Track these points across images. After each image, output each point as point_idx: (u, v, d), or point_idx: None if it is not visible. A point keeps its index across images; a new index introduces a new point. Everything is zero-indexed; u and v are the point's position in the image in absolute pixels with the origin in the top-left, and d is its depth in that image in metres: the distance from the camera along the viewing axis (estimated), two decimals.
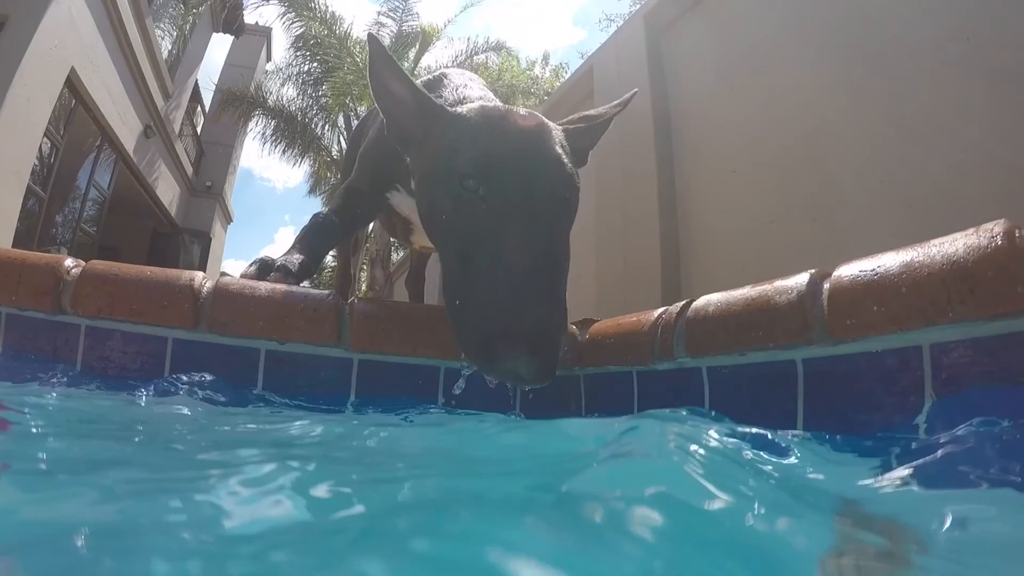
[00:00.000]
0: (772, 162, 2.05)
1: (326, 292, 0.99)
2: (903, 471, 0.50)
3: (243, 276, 1.06)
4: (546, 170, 0.83)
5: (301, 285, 1.05)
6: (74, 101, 6.65)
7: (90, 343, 0.99)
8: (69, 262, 1.02)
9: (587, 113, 1.09)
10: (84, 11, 6.21)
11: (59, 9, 5.63)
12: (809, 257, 1.77)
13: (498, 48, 10.40)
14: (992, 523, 0.41)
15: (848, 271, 0.66)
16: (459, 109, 0.94)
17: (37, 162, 6.07)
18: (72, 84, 6.31)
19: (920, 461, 0.51)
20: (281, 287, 0.98)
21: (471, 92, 1.18)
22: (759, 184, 2.09)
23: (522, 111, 0.92)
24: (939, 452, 0.51)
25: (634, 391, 0.98)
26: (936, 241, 0.60)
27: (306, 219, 1.28)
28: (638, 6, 3.22)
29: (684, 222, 2.42)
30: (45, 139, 6.08)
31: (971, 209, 1.35)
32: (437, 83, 1.26)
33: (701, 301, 0.87)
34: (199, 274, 1.00)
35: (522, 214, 0.78)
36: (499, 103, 1.05)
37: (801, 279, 0.71)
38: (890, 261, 0.62)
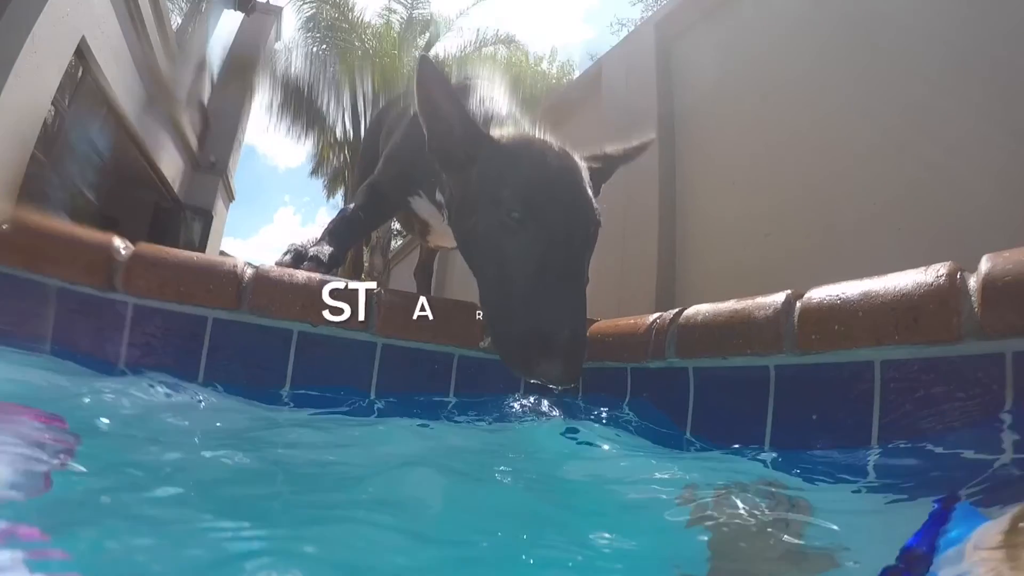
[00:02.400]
0: (772, 177, 2.11)
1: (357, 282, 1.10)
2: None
3: (278, 264, 1.16)
4: (579, 208, 0.97)
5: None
6: (81, 70, 6.66)
7: (137, 319, 1.08)
8: (118, 242, 1.11)
9: (608, 152, 1.19)
10: None
11: None
12: (800, 273, 1.86)
13: (507, 41, 10.42)
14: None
15: (817, 294, 0.77)
16: (502, 139, 1.03)
17: (42, 129, 6.09)
18: (81, 53, 6.32)
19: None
20: (316, 275, 1.08)
21: (499, 109, 1.26)
22: (757, 198, 2.16)
23: (556, 147, 1.03)
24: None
25: (627, 385, 1.09)
26: (892, 275, 0.71)
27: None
28: (649, 13, 3.28)
29: (682, 231, 2.50)
30: (51, 107, 6.10)
31: (957, 240, 1.42)
32: (465, 94, 1.32)
33: (691, 310, 0.98)
34: (239, 260, 1.11)
35: (559, 246, 0.90)
36: (529, 129, 1.14)
37: (778, 298, 0.82)
38: (852, 289, 0.73)
